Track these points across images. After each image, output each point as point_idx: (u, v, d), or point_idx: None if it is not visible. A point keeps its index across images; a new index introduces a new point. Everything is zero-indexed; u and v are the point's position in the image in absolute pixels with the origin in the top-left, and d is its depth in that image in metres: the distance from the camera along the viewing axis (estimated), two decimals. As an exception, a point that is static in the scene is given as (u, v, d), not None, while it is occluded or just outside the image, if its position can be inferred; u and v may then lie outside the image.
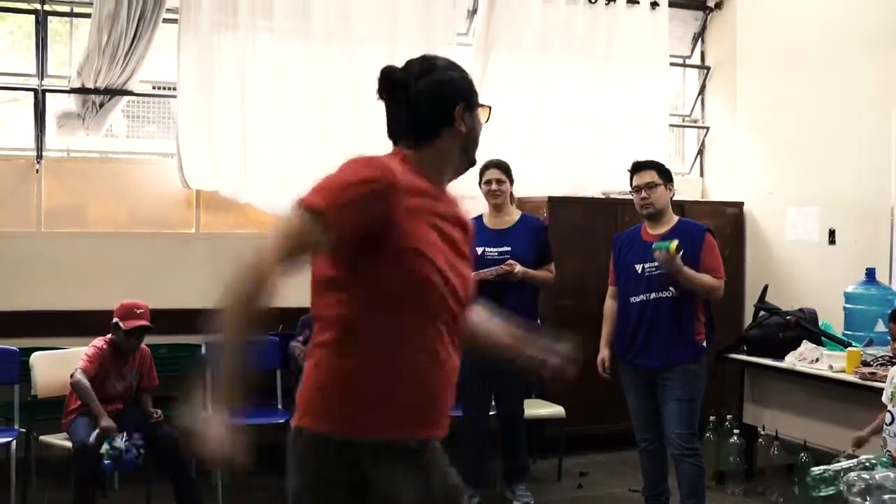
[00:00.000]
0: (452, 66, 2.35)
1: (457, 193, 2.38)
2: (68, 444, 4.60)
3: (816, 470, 3.50)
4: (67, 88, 5.76)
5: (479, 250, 5.10)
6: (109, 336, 4.81)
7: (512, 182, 5.27)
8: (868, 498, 3.43)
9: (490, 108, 2.39)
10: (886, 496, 3.44)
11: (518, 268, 4.97)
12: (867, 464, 3.48)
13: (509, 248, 5.08)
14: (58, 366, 4.96)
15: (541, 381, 6.01)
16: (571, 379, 2.52)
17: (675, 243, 4.19)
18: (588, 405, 5.91)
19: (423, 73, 2.28)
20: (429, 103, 2.26)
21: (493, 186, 5.19)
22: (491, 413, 5.26)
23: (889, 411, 3.72)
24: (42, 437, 4.86)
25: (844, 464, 3.50)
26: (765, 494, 5.37)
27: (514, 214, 5.29)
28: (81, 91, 5.69)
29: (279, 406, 5.42)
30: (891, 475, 3.43)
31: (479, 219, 5.30)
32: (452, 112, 2.27)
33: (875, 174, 5.71)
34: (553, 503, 5.30)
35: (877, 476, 3.42)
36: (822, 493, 3.52)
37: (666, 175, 4.55)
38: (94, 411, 4.58)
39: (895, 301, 5.25)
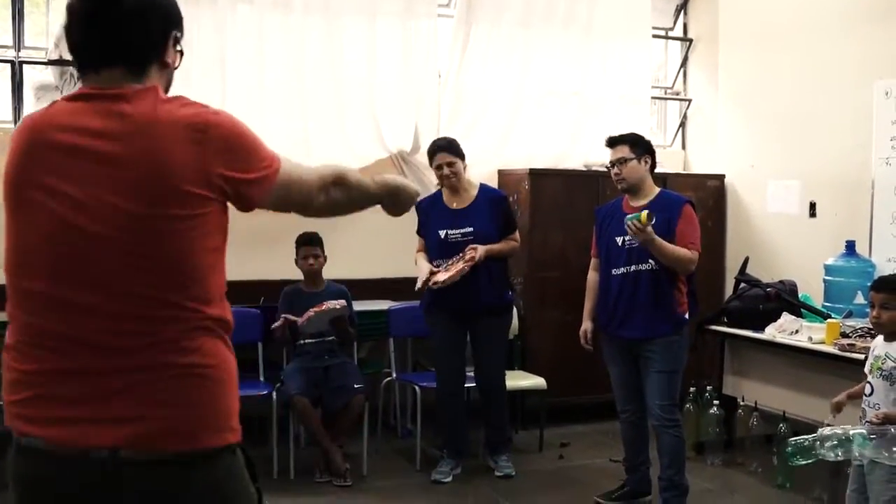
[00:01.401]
0: None
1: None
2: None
3: (796, 440, 3.53)
4: (45, 60, 5.70)
5: (442, 233, 5.08)
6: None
7: (463, 158, 5.14)
8: (839, 452, 3.47)
9: (182, 52, 2.00)
10: (856, 452, 3.50)
11: (480, 251, 4.92)
12: (845, 437, 3.52)
13: (472, 229, 5.03)
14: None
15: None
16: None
17: (645, 213, 4.18)
18: (569, 377, 5.95)
19: None
20: (139, 24, 1.88)
21: (445, 171, 5.07)
22: (468, 385, 5.28)
23: (868, 382, 3.75)
24: None
25: (823, 432, 3.53)
26: (744, 465, 5.43)
27: (472, 189, 5.19)
28: (59, 63, 5.62)
29: (261, 378, 5.41)
30: (862, 431, 3.47)
31: (438, 197, 5.24)
32: (166, 39, 1.94)
33: (856, 147, 5.72)
34: (534, 473, 5.32)
35: (850, 432, 3.45)
36: (800, 463, 3.56)
37: (641, 148, 4.54)
38: None
39: (874, 273, 5.28)
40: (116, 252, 1.75)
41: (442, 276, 4.91)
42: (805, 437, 3.49)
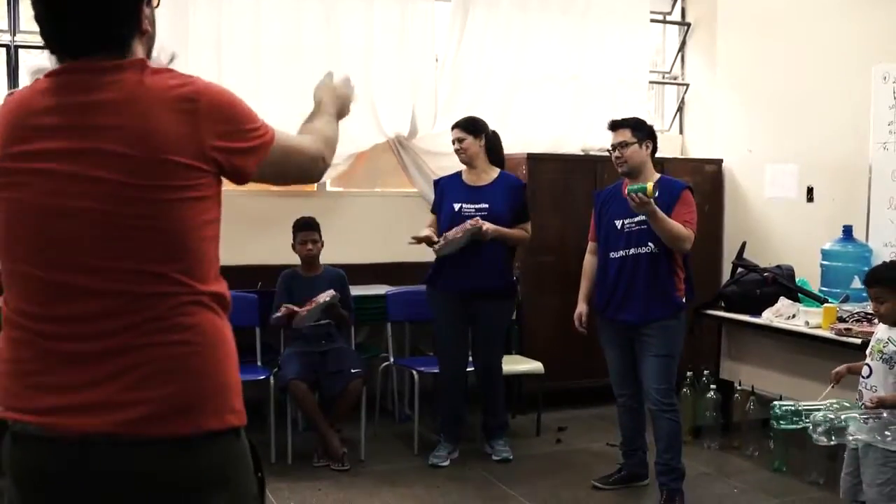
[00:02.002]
0: None
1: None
2: None
3: (783, 404, 3.56)
4: (41, 44, 5.66)
5: (457, 206, 5.10)
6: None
7: (477, 137, 5.18)
8: (833, 437, 3.49)
9: None
10: (850, 436, 3.51)
11: (487, 226, 4.93)
12: (834, 407, 3.54)
13: (487, 206, 5.06)
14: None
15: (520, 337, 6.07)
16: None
17: (651, 184, 4.17)
18: (567, 361, 5.96)
19: None
20: (104, 8, 1.77)
21: (456, 146, 5.19)
22: (469, 369, 5.29)
23: (867, 364, 3.76)
24: None
25: (816, 417, 3.55)
26: (740, 449, 5.45)
27: (492, 172, 5.23)
28: (55, 47, 5.60)
29: (258, 363, 5.42)
30: (856, 415, 3.48)
31: (457, 175, 5.29)
32: (139, 10, 1.82)
33: (854, 132, 5.72)
34: (532, 458, 5.34)
35: (842, 416, 3.47)
36: (783, 427, 3.59)
37: (643, 132, 4.53)
38: None
39: (871, 258, 5.30)
40: (102, 226, 1.69)
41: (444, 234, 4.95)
42: (793, 402, 3.51)
